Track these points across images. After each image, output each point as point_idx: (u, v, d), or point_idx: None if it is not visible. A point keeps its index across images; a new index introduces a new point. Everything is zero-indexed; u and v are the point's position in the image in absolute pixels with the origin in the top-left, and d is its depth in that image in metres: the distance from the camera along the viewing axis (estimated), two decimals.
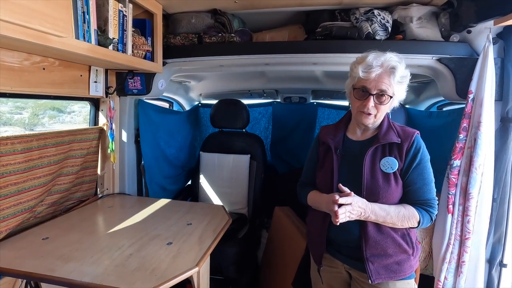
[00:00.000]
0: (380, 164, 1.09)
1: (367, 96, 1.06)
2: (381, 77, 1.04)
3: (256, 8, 1.64)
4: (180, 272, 1.02)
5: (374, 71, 1.03)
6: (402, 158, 1.08)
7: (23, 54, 1.19)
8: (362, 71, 1.05)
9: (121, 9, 1.33)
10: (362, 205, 1.01)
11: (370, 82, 1.04)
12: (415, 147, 1.08)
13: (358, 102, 1.09)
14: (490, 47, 1.30)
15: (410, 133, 1.11)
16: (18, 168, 1.22)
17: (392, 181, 1.07)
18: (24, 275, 1.01)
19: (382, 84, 1.04)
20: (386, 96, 1.05)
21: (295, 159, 2.84)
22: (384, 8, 1.53)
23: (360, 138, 1.19)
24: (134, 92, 1.77)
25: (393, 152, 1.10)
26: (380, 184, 1.07)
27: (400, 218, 1.05)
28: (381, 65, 1.04)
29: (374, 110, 1.07)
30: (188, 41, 1.70)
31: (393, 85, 1.05)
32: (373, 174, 1.08)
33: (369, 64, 1.04)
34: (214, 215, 1.55)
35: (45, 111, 4.21)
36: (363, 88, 1.06)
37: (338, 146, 1.18)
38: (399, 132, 1.11)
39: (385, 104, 1.06)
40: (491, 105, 1.32)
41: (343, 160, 1.16)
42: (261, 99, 3.01)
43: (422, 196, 1.09)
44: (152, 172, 2.03)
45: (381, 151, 1.11)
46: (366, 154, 1.10)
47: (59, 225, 1.36)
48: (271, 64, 1.73)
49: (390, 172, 1.08)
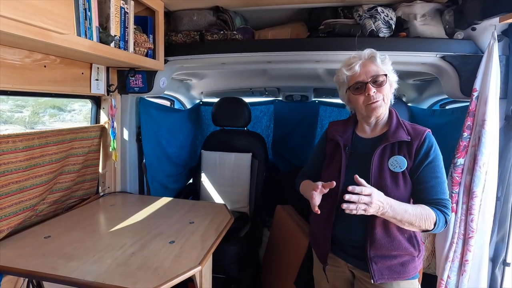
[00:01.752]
0: (389, 163, 1.06)
1: (364, 86, 1.07)
2: (366, 66, 1.08)
3: (258, 5, 1.62)
4: (183, 271, 1.01)
5: (355, 64, 1.08)
6: (411, 157, 1.05)
7: (25, 51, 1.18)
8: (346, 70, 1.11)
9: (123, 6, 1.32)
10: (381, 199, 0.94)
11: (359, 75, 1.08)
12: (427, 145, 1.05)
13: (360, 97, 1.09)
14: (495, 44, 1.29)
15: (421, 131, 1.08)
16: (20, 166, 1.22)
17: (401, 181, 1.05)
18: (26, 273, 1.01)
19: (371, 71, 1.07)
20: (380, 76, 1.07)
21: (297, 158, 2.83)
22: (387, 5, 1.51)
23: (369, 135, 1.17)
24: (135, 90, 1.77)
25: (402, 151, 1.07)
26: (388, 183, 1.04)
27: (418, 217, 0.97)
28: (359, 57, 1.10)
29: (379, 95, 1.07)
30: (190, 38, 1.68)
31: (380, 67, 1.08)
32: (381, 173, 1.06)
33: (349, 62, 1.11)
34: (216, 214, 1.54)
35: (45, 110, 4.21)
36: (357, 83, 1.09)
37: (347, 143, 1.16)
38: (409, 130, 1.09)
39: (384, 85, 1.07)
40: (495, 103, 1.31)
41: (352, 158, 1.14)
42: (262, 97, 3.00)
43: (435, 194, 1.03)
44: (154, 171, 2.02)
45: (390, 150, 1.08)
46: (374, 152, 1.07)
47: (61, 224, 1.35)
48: (273, 62, 1.72)
49: (399, 172, 1.05)
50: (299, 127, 2.86)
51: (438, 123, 1.75)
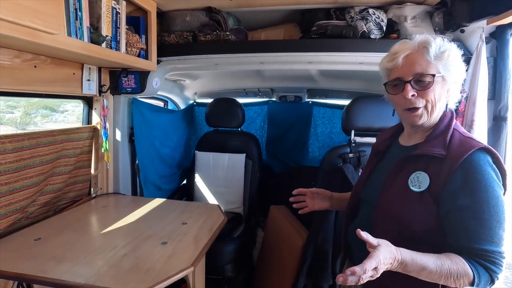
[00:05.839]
0: (409, 178, 0.85)
1: (403, 86, 0.84)
2: (411, 59, 0.84)
3: (252, 6, 1.63)
4: (175, 272, 1.01)
5: (399, 55, 0.85)
6: (440, 178, 0.80)
7: (14, 51, 1.16)
8: (387, 61, 0.88)
9: (114, 6, 1.32)
10: (389, 259, 0.70)
11: (400, 69, 0.85)
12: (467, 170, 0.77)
13: (398, 97, 0.87)
14: (483, 46, 1.32)
15: (467, 147, 0.79)
16: (9, 168, 1.20)
17: (418, 204, 0.82)
18: (16, 276, 1.00)
19: (416, 66, 0.83)
20: (427, 76, 0.82)
21: (291, 158, 2.84)
22: (378, 7, 1.53)
23: (406, 143, 0.97)
24: (128, 91, 1.75)
25: (431, 167, 0.82)
26: (401, 202, 0.84)
27: (444, 274, 0.72)
28: (407, 47, 0.86)
29: (421, 102, 0.84)
30: (182, 39, 1.68)
31: (432, 63, 0.82)
32: (397, 188, 0.87)
33: (393, 51, 0.88)
34: (210, 215, 1.54)
35: (37, 110, 4.16)
36: (395, 79, 0.86)
37: (382, 149, 1.02)
38: (452, 143, 0.82)
39: (429, 87, 0.82)
40: (484, 104, 1.33)
41: (380, 165, 1.01)
42: (256, 98, 3.00)
43: (476, 243, 0.75)
44: (147, 172, 2.01)
45: (414, 163, 0.86)
46: (394, 163, 0.91)
47: (52, 226, 1.34)
48: (266, 63, 1.73)
49: (416, 191, 0.82)
50: (293, 128, 2.87)
51: None
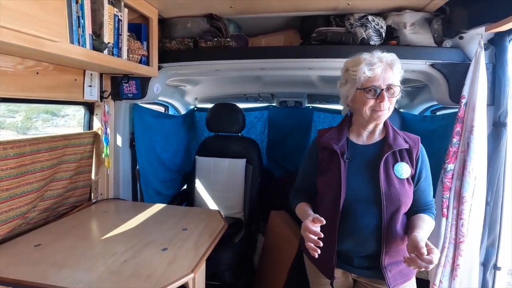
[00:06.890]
0: (394, 169, 1.07)
1: (379, 93, 1.03)
2: (386, 71, 1.03)
3: (252, 13, 1.65)
4: (175, 279, 1.01)
5: (377, 66, 1.01)
6: (413, 165, 1.08)
7: (17, 58, 1.18)
8: (368, 70, 1.01)
9: (117, 14, 1.33)
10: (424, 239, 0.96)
11: (378, 79, 1.02)
12: (422, 154, 1.11)
13: (372, 101, 1.04)
14: (482, 52, 1.32)
15: (415, 139, 1.12)
16: (10, 174, 1.21)
17: (407, 186, 1.06)
18: (16, 283, 0.99)
19: (389, 78, 1.03)
20: (395, 87, 1.04)
21: (291, 163, 2.84)
22: (378, 14, 1.54)
23: (366, 142, 1.15)
24: (129, 96, 1.77)
25: (404, 158, 1.09)
26: (399, 190, 1.05)
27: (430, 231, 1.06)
28: (380, 60, 1.03)
29: (387, 105, 1.05)
30: (183, 45, 1.70)
31: (396, 75, 1.05)
32: (389, 180, 1.06)
33: (371, 61, 1.02)
34: (210, 220, 1.54)
35: (38, 115, 4.16)
36: (373, 86, 1.03)
37: (344, 150, 1.12)
38: (405, 138, 1.12)
39: (395, 96, 1.05)
40: (483, 110, 1.34)
41: (351, 166, 1.10)
42: (256, 103, 3.02)
43: (427, 197, 1.13)
44: (147, 177, 2.01)
45: (392, 157, 1.09)
46: (381, 160, 1.07)
47: (52, 231, 1.34)
48: (266, 69, 1.74)
49: (404, 178, 1.07)
50: (293, 133, 2.87)
51: (429, 129, 1.78)
